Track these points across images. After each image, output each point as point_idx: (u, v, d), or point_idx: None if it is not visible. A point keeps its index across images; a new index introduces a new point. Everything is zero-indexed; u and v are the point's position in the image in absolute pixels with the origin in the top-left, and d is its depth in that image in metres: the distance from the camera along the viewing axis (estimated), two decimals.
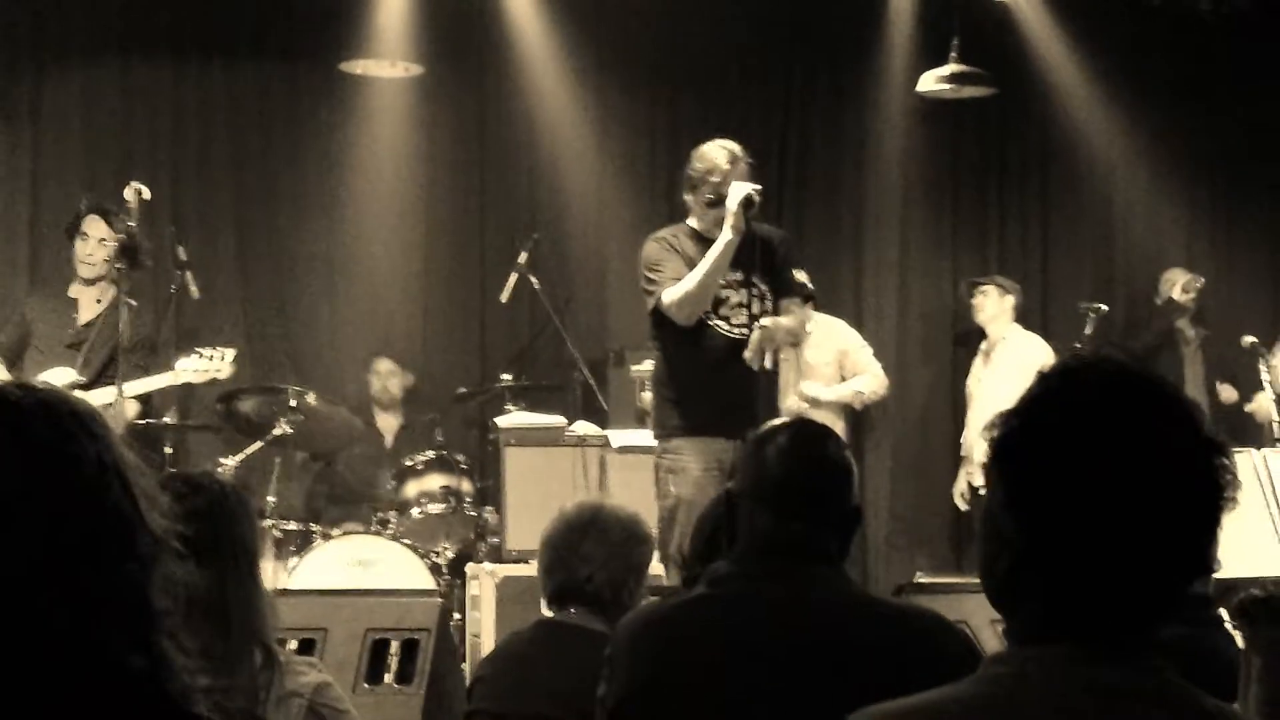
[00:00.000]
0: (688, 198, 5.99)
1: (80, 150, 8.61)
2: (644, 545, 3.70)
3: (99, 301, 7.06)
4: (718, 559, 2.98)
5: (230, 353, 7.09)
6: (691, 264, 5.83)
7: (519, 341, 8.98)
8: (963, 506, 8.70)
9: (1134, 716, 1.58)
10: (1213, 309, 9.36)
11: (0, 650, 1.37)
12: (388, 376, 8.48)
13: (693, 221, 5.99)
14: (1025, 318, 9.10)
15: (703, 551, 3.43)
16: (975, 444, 8.46)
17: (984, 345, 8.72)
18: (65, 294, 7.18)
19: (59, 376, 6.71)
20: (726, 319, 5.85)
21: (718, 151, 5.90)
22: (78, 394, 5.66)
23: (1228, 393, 8.43)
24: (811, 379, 8.15)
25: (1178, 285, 8.86)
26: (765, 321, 5.76)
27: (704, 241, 5.87)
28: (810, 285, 6.33)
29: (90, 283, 7.08)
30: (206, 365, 6.99)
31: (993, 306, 8.63)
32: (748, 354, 5.65)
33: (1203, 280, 8.91)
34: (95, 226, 7.01)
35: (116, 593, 1.42)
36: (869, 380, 8.36)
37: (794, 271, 6.08)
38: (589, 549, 3.58)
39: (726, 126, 8.01)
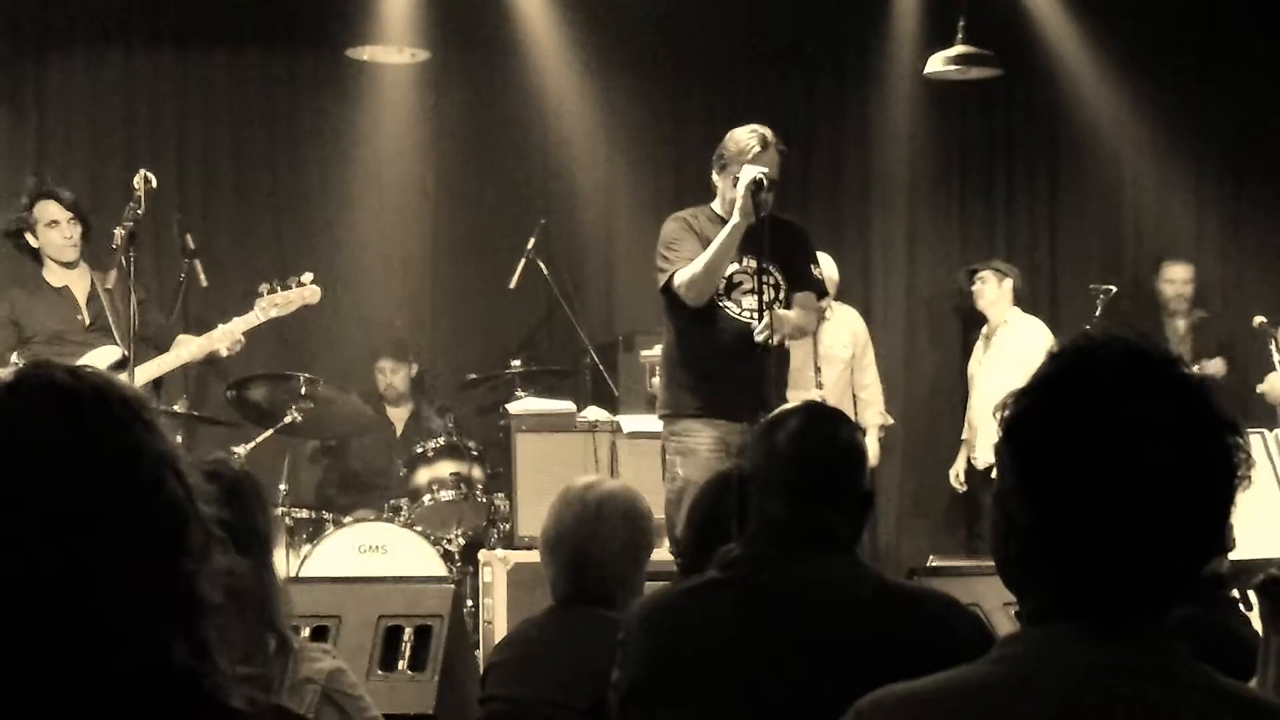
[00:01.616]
0: (715, 179, 5.98)
1: (84, 139, 8.61)
2: (645, 534, 3.63)
3: (85, 278, 6.97)
4: (714, 544, 2.98)
5: (308, 275, 6.95)
6: (707, 245, 5.83)
7: (528, 327, 8.98)
8: (959, 488, 8.73)
9: (1146, 697, 1.57)
10: (1221, 289, 9.38)
11: (48, 640, 1.35)
12: (391, 374, 8.46)
13: (716, 205, 5.99)
14: (1034, 300, 9.10)
15: (699, 537, 3.42)
16: (978, 427, 8.49)
17: (985, 329, 8.74)
18: (45, 285, 7.01)
19: (106, 355, 6.67)
20: (738, 303, 5.85)
21: (749, 135, 5.87)
22: (123, 371, 5.53)
23: (1214, 366, 8.43)
24: (827, 362, 8.17)
25: (1174, 281, 8.89)
26: (778, 310, 5.77)
27: (725, 223, 5.85)
28: (824, 281, 6.35)
29: (72, 265, 7.02)
30: (290, 296, 6.85)
31: (991, 292, 8.64)
32: (758, 334, 5.65)
33: (1191, 268, 8.93)
34: (57, 210, 6.92)
35: (168, 586, 1.40)
36: (878, 405, 8.47)
37: (812, 266, 6.08)
38: (595, 553, 3.51)
39: (733, 110, 8.01)
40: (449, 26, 8.65)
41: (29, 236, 7.01)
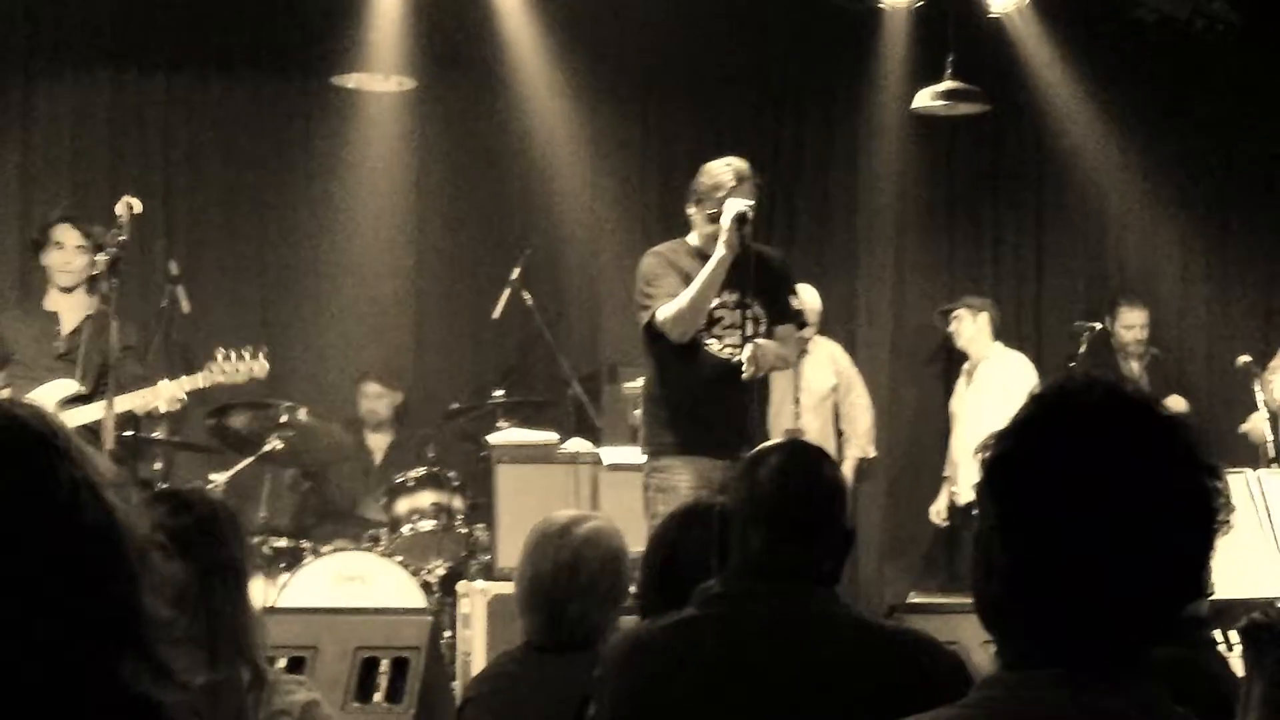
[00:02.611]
0: (691, 212, 5.97)
1: (70, 163, 8.60)
2: (623, 577, 3.55)
3: (80, 310, 6.99)
4: (673, 586, 2.96)
5: (261, 351, 6.99)
6: (688, 280, 5.81)
7: (511, 357, 8.97)
8: (938, 523, 8.73)
9: None
10: (1206, 327, 9.41)
11: None
12: (375, 399, 8.45)
13: (692, 238, 5.98)
14: (1019, 335, 9.10)
15: (658, 582, 3.35)
16: (960, 464, 8.48)
17: (966, 365, 8.74)
18: (40, 308, 7.05)
19: (60, 389, 6.66)
20: (719, 339, 5.83)
21: (723, 168, 5.87)
22: (75, 407, 5.50)
23: (1174, 402, 8.38)
24: (808, 395, 8.17)
25: (1133, 327, 8.89)
26: (759, 340, 5.76)
27: (703, 258, 5.84)
28: (804, 312, 6.34)
29: (69, 291, 7.02)
30: (239, 366, 6.89)
31: (968, 329, 8.66)
32: (744, 367, 5.63)
33: (1147, 312, 8.93)
34: (68, 234, 6.97)
35: (108, 610, 1.39)
36: (865, 436, 8.49)
37: (790, 297, 6.07)
38: (574, 602, 3.45)
39: (720, 143, 8.02)
40: (436, 55, 8.66)
41: (42, 254, 7.05)
